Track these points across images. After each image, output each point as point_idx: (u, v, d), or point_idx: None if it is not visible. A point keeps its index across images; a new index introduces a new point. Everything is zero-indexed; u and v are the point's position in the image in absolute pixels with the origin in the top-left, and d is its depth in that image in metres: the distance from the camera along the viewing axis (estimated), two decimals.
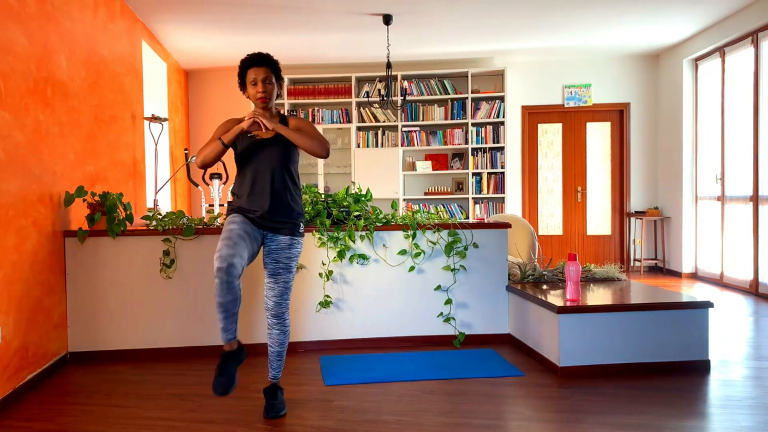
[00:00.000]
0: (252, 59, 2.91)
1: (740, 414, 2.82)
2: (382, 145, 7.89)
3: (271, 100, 2.93)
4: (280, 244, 2.90)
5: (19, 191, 3.24)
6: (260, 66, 2.89)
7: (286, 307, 2.94)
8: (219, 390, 2.67)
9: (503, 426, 2.74)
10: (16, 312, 3.19)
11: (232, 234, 2.74)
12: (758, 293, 5.88)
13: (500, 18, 6.05)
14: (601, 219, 8.12)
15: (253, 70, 2.89)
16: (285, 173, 2.91)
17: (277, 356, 2.97)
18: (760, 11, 5.69)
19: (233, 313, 2.72)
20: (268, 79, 2.90)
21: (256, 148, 2.91)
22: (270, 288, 2.92)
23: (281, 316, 2.92)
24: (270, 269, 2.91)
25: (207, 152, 2.88)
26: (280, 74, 2.98)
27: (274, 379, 2.99)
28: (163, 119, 5.54)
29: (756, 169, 5.91)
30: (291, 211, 2.91)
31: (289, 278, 2.93)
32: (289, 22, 6.01)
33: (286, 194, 2.90)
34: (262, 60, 2.91)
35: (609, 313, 3.45)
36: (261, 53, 2.93)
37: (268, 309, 2.93)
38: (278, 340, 2.95)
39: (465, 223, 4.24)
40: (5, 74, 3.11)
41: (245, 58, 2.94)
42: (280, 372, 2.99)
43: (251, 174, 2.89)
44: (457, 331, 4.15)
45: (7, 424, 2.83)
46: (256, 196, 2.87)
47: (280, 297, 2.91)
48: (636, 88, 7.95)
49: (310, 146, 2.88)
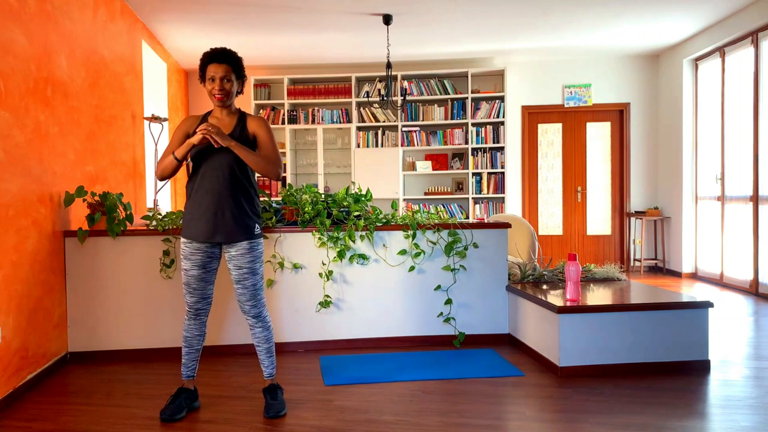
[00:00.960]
0: (212, 55, 2.81)
1: (740, 414, 2.82)
2: (382, 145, 7.89)
3: (229, 98, 2.84)
4: (239, 249, 2.85)
5: (19, 191, 3.24)
6: (220, 63, 2.79)
7: (263, 305, 2.93)
8: (164, 415, 2.84)
9: (503, 426, 2.74)
10: (16, 312, 3.19)
11: (190, 280, 2.87)
12: (758, 293, 5.88)
13: (500, 18, 6.05)
14: (601, 219, 8.12)
15: (213, 66, 2.79)
16: (236, 178, 2.82)
17: (266, 353, 2.97)
18: (760, 11, 5.69)
19: (196, 349, 2.97)
20: (227, 77, 2.80)
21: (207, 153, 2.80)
22: (241, 294, 2.89)
23: (259, 315, 2.92)
24: (235, 276, 2.87)
25: (164, 166, 2.83)
26: (241, 72, 2.88)
27: (270, 377, 2.99)
28: (163, 119, 5.54)
29: (756, 169, 5.91)
30: (244, 217, 2.84)
31: (256, 281, 2.89)
32: (289, 22, 6.01)
33: (239, 200, 2.83)
34: (223, 56, 2.81)
35: (609, 313, 3.45)
36: (222, 49, 2.83)
37: (245, 312, 2.92)
38: (263, 337, 2.95)
39: (465, 223, 4.24)
40: (5, 74, 3.11)
41: (206, 52, 2.83)
42: (274, 369, 3.00)
43: (201, 181, 2.81)
44: (457, 331, 4.15)
45: (7, 424, 2.83)
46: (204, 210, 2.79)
47: (253, 299, 2.89)
48: (636, 88, 7.95)
49: (260, 169, 2.80)
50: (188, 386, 2.97)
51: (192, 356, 2.96)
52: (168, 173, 2.86)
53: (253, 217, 2.88)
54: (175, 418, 2.82)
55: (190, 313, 2.92)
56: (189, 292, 2.88)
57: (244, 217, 2.84)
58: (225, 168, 2.79)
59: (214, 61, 2.80)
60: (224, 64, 2.80)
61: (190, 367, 2.97)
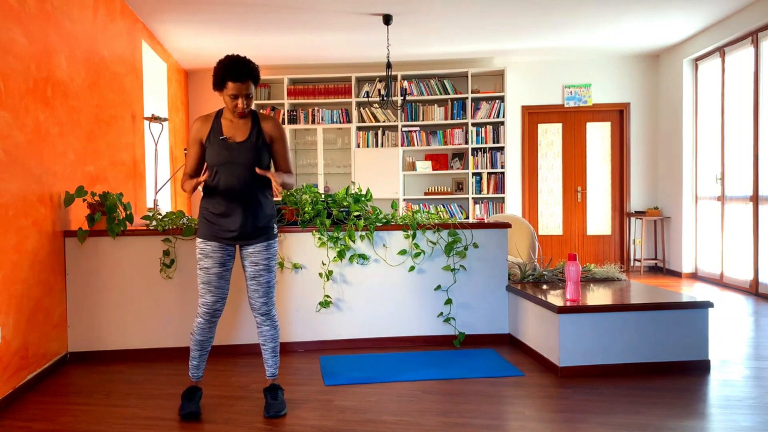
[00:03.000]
0: (233, 72, 2.68)
1: (740, 414, 2.82)
2: (382, 145, 7.89)
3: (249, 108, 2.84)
4: (256, 247, 2.88)
5: (19, 191, 3.24)
6: (244, 81, 2.70)
7: (273, 304, 2.95)
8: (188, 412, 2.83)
9: (503, 426, 2.74)
10: (16, 312, 3.19)
11: (212, 278, 2.84)
12: (758, 293, 5.88)
13: (500, 18, 6.05)
14: (601, 219, 8.12)
15: (235, 85, 2.70)
16: (256, 179, 2.83)
17: (272, 353, 2.97)
18: (760, 11, 5.69)
19: (207, 351, 2.97)
20: (248, 93, 2.75)
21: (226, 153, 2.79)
22: (254, 290, 2.90)
23: (269, 313, 2.93)
24: (250, 272, 2.89)
25: (185, 188, 2.85)
26: (258, 79, 2.80)
27: (272, 377, 3.00)
28: (163, 119, 5.54)
29: (756, 169, 5.91)
30: (263, 218, 2.88)
31: (270, 278, 2.91)
32: (289, 21, 6.01)
33: (258, 201, 2.85)
34: (246, 74, 2.69)
35: (609, 313, 3.45)
36: (244, 64, 2.70)
37: (255, 309, 2.93)
38: (270, 336, 2.95)
39: (465, 223, 4.24)
40: (5, 74, 3.11)
41: (226, 64, 2.69)
42: (277, 369, 3.00)
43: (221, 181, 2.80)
44: (457, 331, 4.15)
45: (7, 424, 2.83)
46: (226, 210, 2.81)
47: (266, 296, 2.91)
48: (636, 88, 7.95)
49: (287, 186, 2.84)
50: (197, 385, 3.00)
51: (203, 358, 2.97)
52: (188, 193, 2.88)
53: (272, 217, 2.94)
54: (198, 416, 2.84)
55: (207, 315, 2.87)
56: (210, 291, 2.84)
57: (265, 218, 2.89)
58: (246, 169, 2.80)
59: (236, 80, 2.69)
60: (247, 81, 2.72)
61: (201, 368, 2.98)
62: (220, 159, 2.80)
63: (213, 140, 2.82)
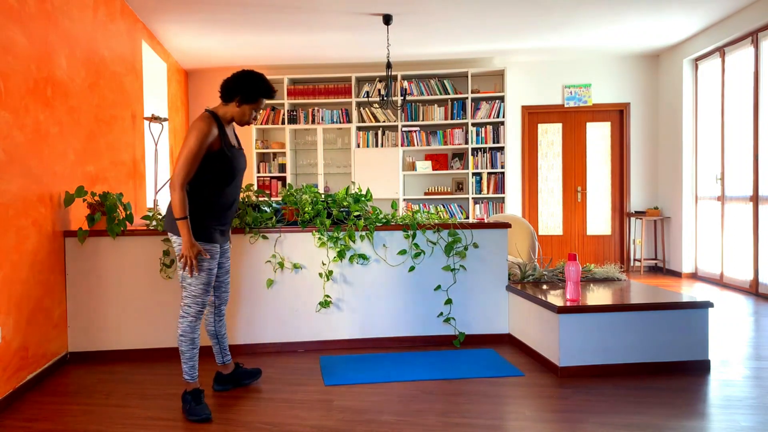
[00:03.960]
0: (269, 91, 2.96)
1: (740, 414, 2.82)
2: (382, 145, 7.89)
3: None
4: (227, 245, 3.17)
5: (19, 191, 3.24)
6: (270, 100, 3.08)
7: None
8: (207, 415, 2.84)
9: (503, 426, 2.74)
10: (16, 312, 3.19)
11: (212, 279, 2.99)
12: (758, 293, 5.88)
13: (500, 18, 6.05)
14: (601, 219, 8.12)
15: (263, 102, 2.98)
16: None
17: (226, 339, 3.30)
18: (760, 11, 5.69)
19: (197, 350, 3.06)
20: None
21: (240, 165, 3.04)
22: (226, 284, 3.19)
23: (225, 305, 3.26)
24: (226, 268, 3.18)
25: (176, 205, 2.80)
26: None
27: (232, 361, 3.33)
28: (163, 119, 5.54)
29: (756, 169, 5.91)
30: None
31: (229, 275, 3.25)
32: (289, 21, 6.01)
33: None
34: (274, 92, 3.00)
35: (609, 313, 3.45)
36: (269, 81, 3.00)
37: (223, 303, 3.20)
38: (225, 324, 3.28)
39: (465, 223, 4.24)
40: (5, 74, 3.11)
41: (267, 85, 2.95)
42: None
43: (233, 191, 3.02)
44: (457, 331, 4.15)
45: (7, 424, 2.83)
46: (230, 217, 3.08)
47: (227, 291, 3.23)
48: (636, 88, 7.95)
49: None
50: (199, 385, 3.01)
51: (197, 358, 2.99)
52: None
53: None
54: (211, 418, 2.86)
55: (211, 310, 3.18)
56: (208, 292, 2.99)
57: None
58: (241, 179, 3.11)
59: (269, 98, 2.99)
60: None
61: (197, 368, 2.99)
62: (240, 167, 3.01)
63: (228, 148, 2.92)
